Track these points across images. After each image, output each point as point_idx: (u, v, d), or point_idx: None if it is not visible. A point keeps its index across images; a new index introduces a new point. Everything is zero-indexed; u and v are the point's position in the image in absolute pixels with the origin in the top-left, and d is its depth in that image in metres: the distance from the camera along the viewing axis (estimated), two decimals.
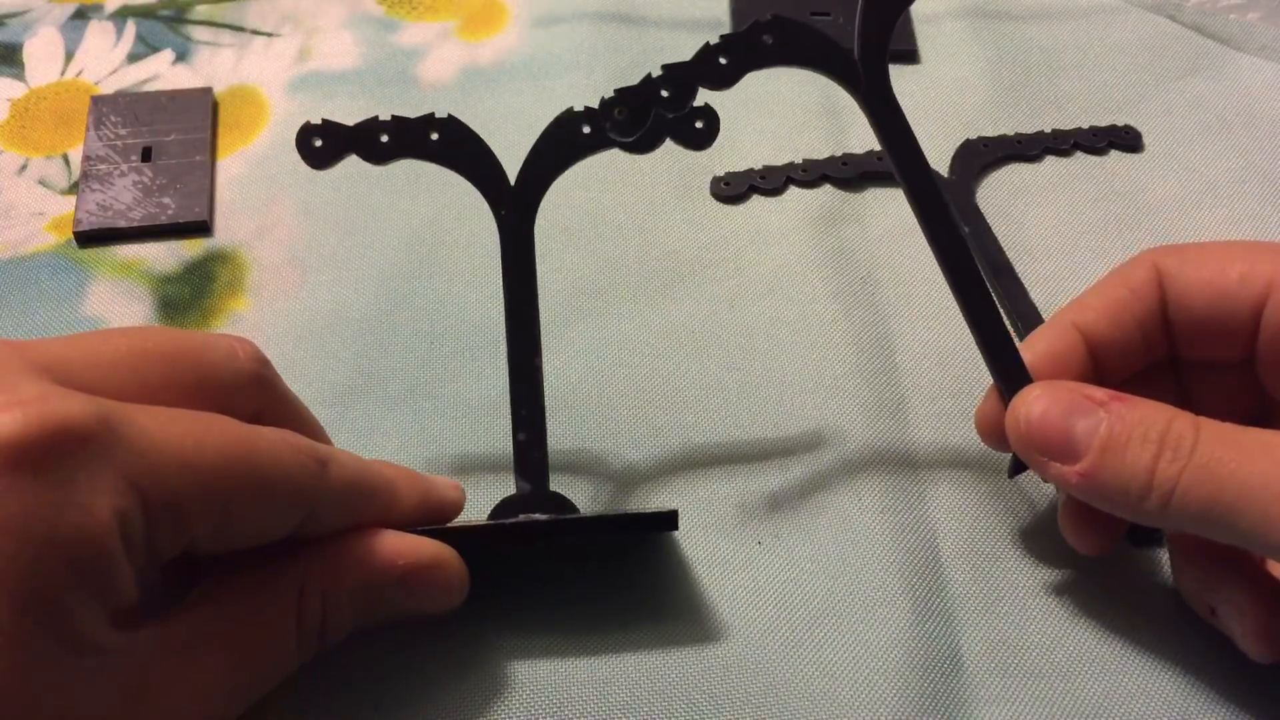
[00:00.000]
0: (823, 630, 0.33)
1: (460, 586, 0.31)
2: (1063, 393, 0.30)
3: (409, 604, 0.30)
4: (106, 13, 0.51)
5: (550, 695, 0.32)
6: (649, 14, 0.51)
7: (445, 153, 0.32)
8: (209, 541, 0.26)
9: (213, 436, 0.26)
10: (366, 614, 0.30)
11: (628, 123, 0.32)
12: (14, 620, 0.23)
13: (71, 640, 0.24)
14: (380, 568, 0.29)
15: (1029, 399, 0.31)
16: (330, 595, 0.29)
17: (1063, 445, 0.30)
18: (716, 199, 0.45)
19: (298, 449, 0.28)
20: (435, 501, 0.32)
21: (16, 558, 0.23)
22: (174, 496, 0.25)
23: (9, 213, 0.44)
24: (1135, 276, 0.33)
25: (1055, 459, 0.30)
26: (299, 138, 0.32)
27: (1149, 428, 0.29)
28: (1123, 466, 0.29)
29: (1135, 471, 0.29)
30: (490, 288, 0.42)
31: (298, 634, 0.28)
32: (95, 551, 0.23)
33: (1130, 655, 0.33)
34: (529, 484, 0.33)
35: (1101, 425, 0.29)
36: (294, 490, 0.27)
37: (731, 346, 0.40)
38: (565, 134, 0.32)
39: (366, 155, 0.32)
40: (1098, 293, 0.33)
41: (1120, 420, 0.29)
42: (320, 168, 0.32)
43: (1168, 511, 0.28)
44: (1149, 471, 0.28)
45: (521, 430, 0.33)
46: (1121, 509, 0.30)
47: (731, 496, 0.36)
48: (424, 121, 0.32)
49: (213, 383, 0.28)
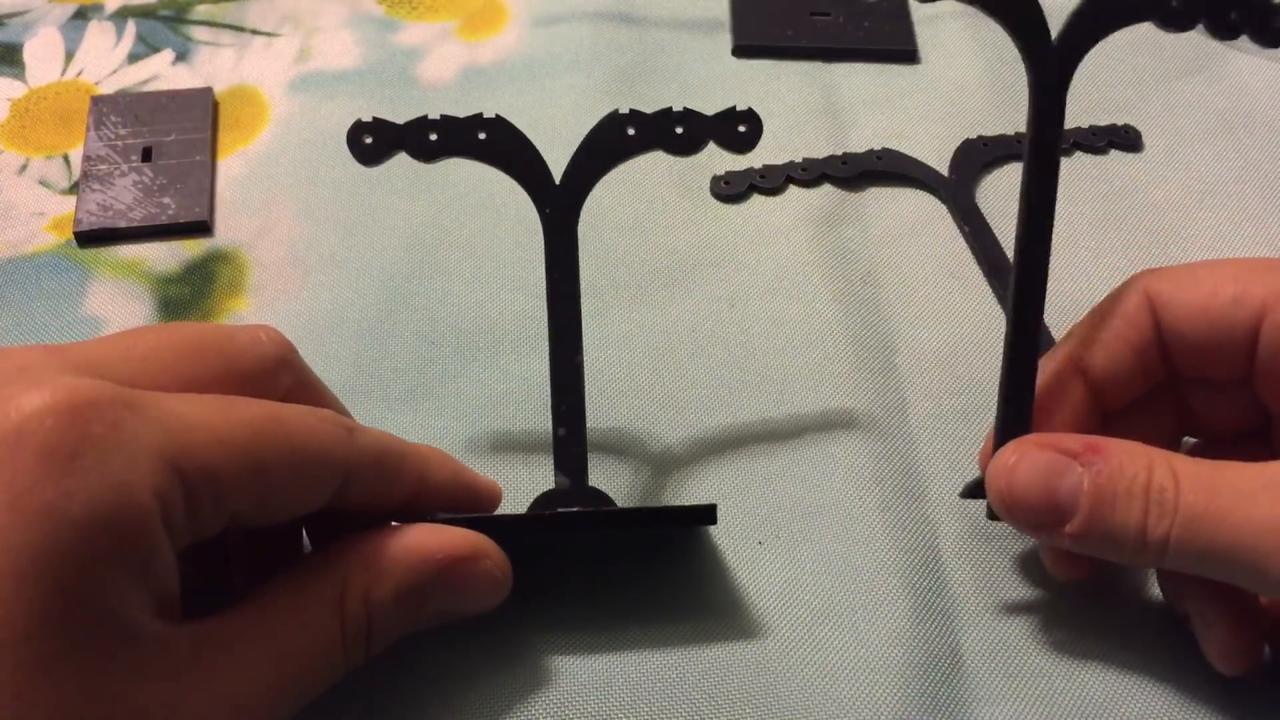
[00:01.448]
0: (823, 630, 0.33)
1: (503, 580, 0.30)
2: (1036, 454, 0.30)
3: (453, 603, 0.30)
4: (107, 13, 0.51)
5: (551, 696, 0.32)
6: (649, 14, 0.51)
7: (492, 152, 0.33)
8: (250, 514, 0.26)
9: (241, 413, 0.26)
10: (411, 616, 0.29)
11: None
12: (54, 603, 0.22)
13: (112, 625, 0.23)
14: (419, 563, 0.29)
15: (1005, 466, 0.30)
16: (373, 596, 0.28)
17: (1048, 511, 0.30)
18: (717, 198, 0.45)
19: (324, 418, 0.28)
20: (470, 479, 0.32)
21: (55, 540, 0.22)
22: (211, 471, 0.25)
23: (9, 213, 0.44)
24: (1128, 304, 0.32)
25: (1045, 526, 0.30)
26: (350, 134, 0.33)
27: (1131, 482, 0.29)
28: (1113, 525, 0.29)
29: (1126, 529, 0.29)
30: (491, 288, 0.42)
31: (342, 637, 0.28)
32: (136, 532, 0.23)
33: (1130, 655, 0.33)
34: (568, 478, 0.33)
35: (1084, 483, 0.29)
36: (326, 455, 0.28)
37: (732, 346, 0.40)
38: (611, 135, 0.33)
39: (415, 153, 0.33)
40: (1092, 324, 0.33)
41: (1100, 475, 0.29)
42: (370, 164, 0.33)
43: (1165, 563, 0.29)
44: (1140, 528, 0.28)
45: (562, 425, 0.33)
46: (1118, 559, 0.30)
47: (732, 495, 0.36)
48: (472, 121, 0.33)
49: (239, 369, 0.28)
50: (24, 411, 0.23)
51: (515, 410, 0.38)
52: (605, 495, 0.33)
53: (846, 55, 0.50)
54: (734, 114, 0.33)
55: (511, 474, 0.36)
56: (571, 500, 0.33)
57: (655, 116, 0.33)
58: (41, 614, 0.22)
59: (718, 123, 0.33)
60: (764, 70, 0.49)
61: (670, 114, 0.33)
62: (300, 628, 0.27)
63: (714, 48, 0.50)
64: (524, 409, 0.38)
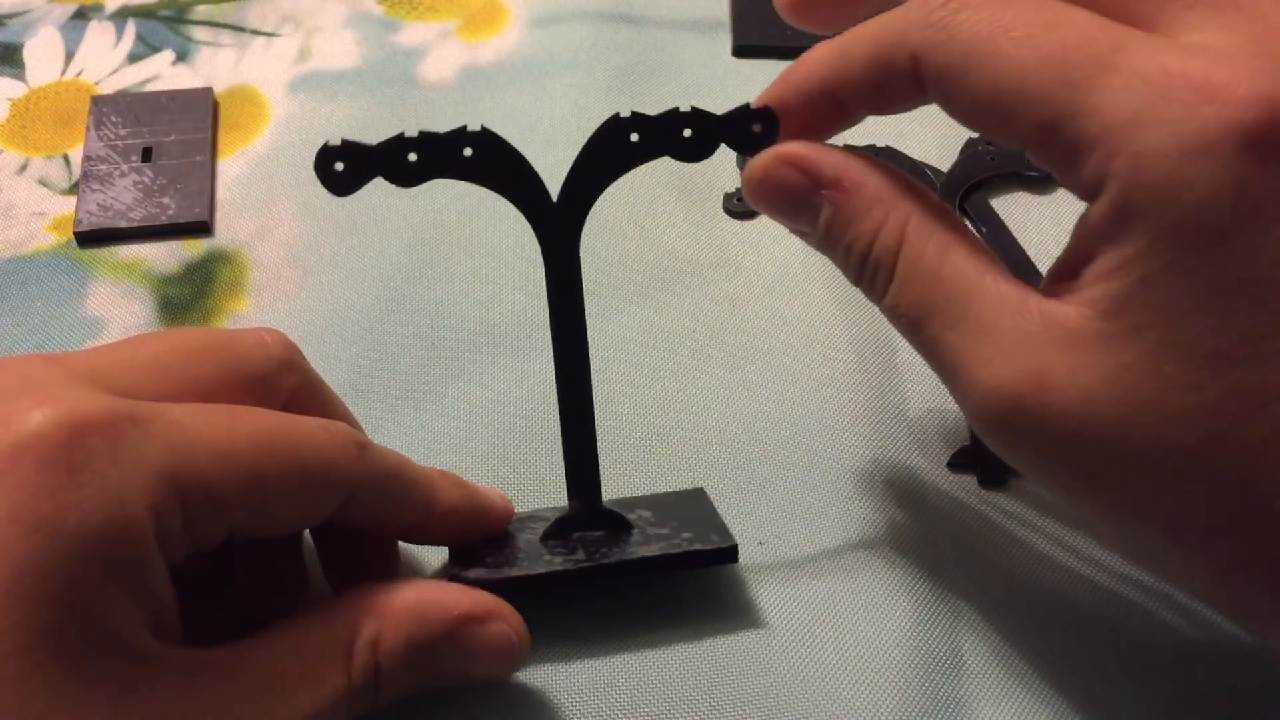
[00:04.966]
0: (823, 630, 0.33)
1: (519, 645, 0.29)
2: (786, 173, 0.30)
3: (466, 664, 0.29)
4: (106, 13, 0.51)
5: (552, 697, 0.32)
6: (649, 14, 0.51)
7: (481, 170, 0.30)
8: (250, 527, 0.26)
9: (244, 425, 0.26)
10: (422, 672, 0.28)
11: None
12: (47, 617, 0.22)
13: (104, 640, 0.23)
14: (433, 616, 0.28)
15: (754, 175, 0.30)
16: (383, 646, 0.27)
17: (787, 221, 0.31)
18: (730, 214, 0.44)
19: (334, 433, 0.28)
20: (482, 504, 0.32)
21: (49, 553, 0.22)
22: (209, 486, 0.25)
23: (9, 213, 0.44)
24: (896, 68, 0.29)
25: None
26: (318, 162, 0.29)
27: (854, 238, 0.29)
28: (839, 264, 0.30)
29: (848, 273, 0.30)
30: (491, 288, 0.42)
31: (348, 683, 0.27)
32: (129, 547, 0.23)
33: (1131, 655, 0.33)
34: (581, 503, 0.32)
35: (821, 217, 0.30)
36: (331, 471, 0.27)
37: (732, 346, 0.40)
38: (612, 143, 0.30)
39: (394, 178, 0.29)
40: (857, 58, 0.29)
41: (833, 220, 0.30)
42: (342, 194, 0.29)
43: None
44: (857, 279, 0.30)
45: (573, 451, 0.32)
46: None
47: (732, 496, 0.36)
48: (456, 136, 0.29)
49: (243, 373, 0.28)
50: (25, 425, 0.23)
51: (516, 410, 0.38)
52: (621, 516, 0.33)
53: None
54: (747, 112, 0.30)
55: (512, 474, 0.36)
56: (586, 524, 0.32)
57: (661, 119, 0.30)
58: (34, 627, 0.22)
59: (730, 122, 0.30)
60: (764, 70, 0.49)
61: (677, 115, 0.30)
62: (305, 668, 0.26)
63: (714, 48, 0.50)
64: (524, 408, 0.38)
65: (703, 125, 0.30)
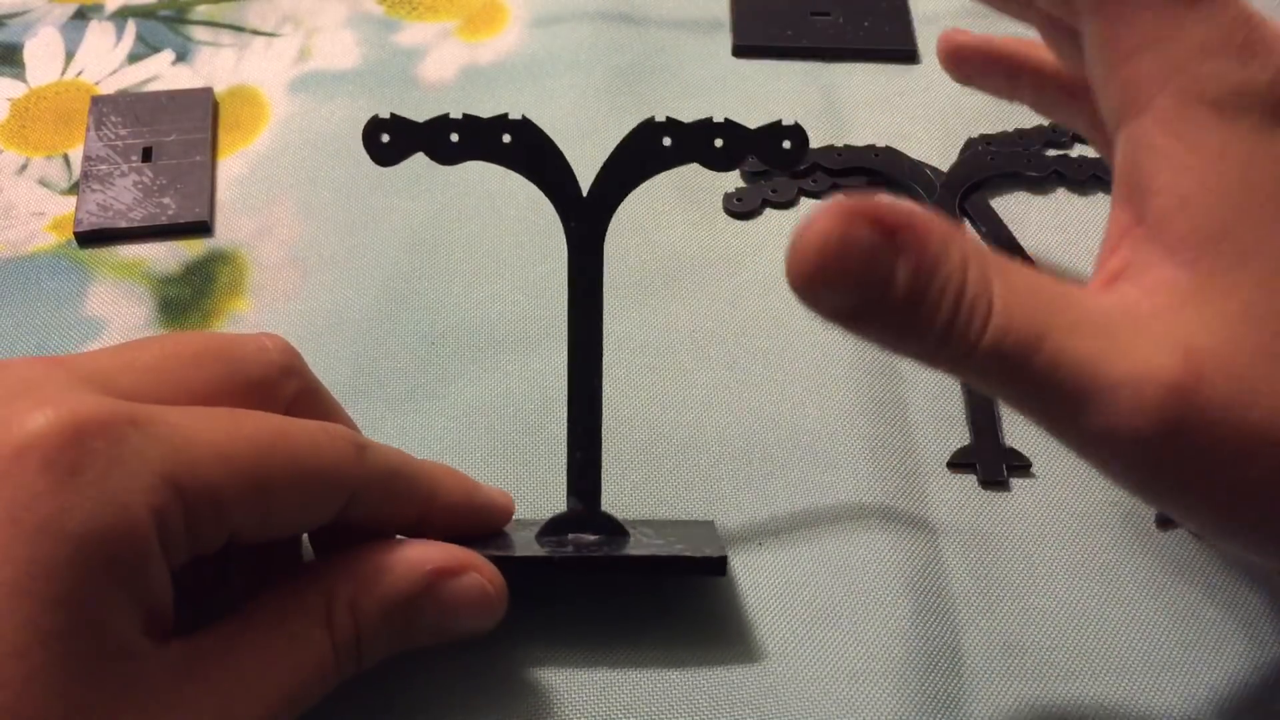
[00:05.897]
0: (823, 630, 0.33)
1: (496, 596, 0.30)
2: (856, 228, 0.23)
3: (445, 619, 0.29)
4: (106, 13, 0.51)
5: (553, 697, 0.32)
6: (649, 14, 0.51)
7: (516, 157, 0.31)
8: (252, 530, 0.26)
9: (245, 428, 0.26)
10: (401, 629, 0.29)
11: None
12: (48, 618, 0.22)
13: (103, 641, 0.23)
14: (405, 573, 0.28)
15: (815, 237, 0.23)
16: (360, 606, 0.28)
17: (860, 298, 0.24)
18: (730, 215, 0.44)
19: (334, 435, 0.28)
20: (482, 501, 0.32)
21: (50, 555, 0.22)
22: (211, 489, 0.25)
23: (9, 213, 0.44)
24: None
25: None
26: (367, 132, 0.31)
27: (946, 280, 0.24)
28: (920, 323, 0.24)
29: (932, 330, 0.24)
30: (491, 288, 0.42)
31: (332, 648, 0.27)
32: (131, 550, 0.23)
33: (1131, 655, 0.33)
34: (581, 503, 0.32)
35: (899, 273, 0.23)
36: (331, 474, 0.27)
37: (732, 346, 0.40)
38: (645, 145, 0.31)
39: (434, 154, 0.31)
40: None
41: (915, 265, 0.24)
42: (386, 164, 0.31)
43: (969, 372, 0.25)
44: (947, 330, 0.24)
45: (578, 449, 0.32)
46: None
47: (731, 496, 0.36)
48: (496, 122, 0.31)
49: (243, 377, 0.28)
50: (27, 427, 0.23)
51: (516, 410, 0.38)
52: (617, 522, 0.33)
53: (846, 55, 0.50)
54: (779, 129, 0.30)
55: (512, 474, 0.37)
56: (583, 525, 0.32)
57: (694, 127, 0.30)
58: (36, 629, 0.22)
59: (761, 137, 0.30)
60: (764, 70, 0.49)
61: (710, 124, 0.30)
62: (288, 639, 0.27)
63: (714, 48, 0.50)
64: (525, 409, 0.38)
65: (734, 137, 0.31)
